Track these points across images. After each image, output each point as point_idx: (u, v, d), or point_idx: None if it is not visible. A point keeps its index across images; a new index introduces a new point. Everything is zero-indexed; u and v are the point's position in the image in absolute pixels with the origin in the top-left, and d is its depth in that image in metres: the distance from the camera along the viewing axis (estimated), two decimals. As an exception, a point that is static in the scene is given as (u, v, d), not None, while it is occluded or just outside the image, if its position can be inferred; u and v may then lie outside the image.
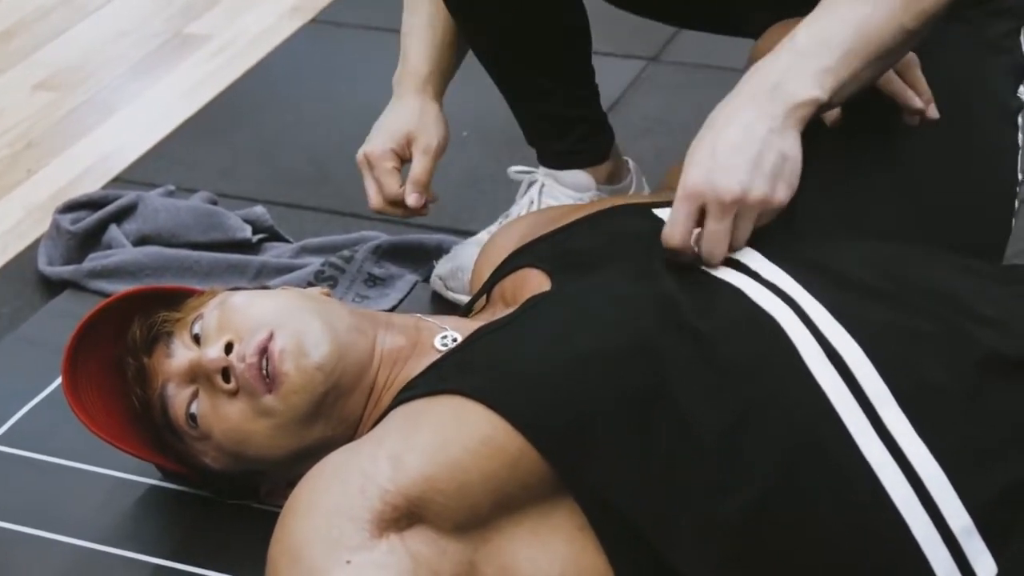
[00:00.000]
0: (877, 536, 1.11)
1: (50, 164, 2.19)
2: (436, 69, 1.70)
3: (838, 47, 1.24)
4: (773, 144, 1.22)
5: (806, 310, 1.18)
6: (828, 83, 1.24)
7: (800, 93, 1.23)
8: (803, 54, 1.25)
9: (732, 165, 1.21)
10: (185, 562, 1.39)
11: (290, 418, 1.28)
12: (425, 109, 1.68)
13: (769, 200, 1.22)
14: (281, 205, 2.03)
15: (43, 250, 1.92)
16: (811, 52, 1.24)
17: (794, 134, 1.23)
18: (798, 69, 1.24)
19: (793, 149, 1.23)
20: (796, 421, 1.13)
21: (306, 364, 1.27)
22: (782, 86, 1.23)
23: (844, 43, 1.24)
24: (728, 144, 1.22)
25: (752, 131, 1.22)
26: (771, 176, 1.22)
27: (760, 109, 1.23)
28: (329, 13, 2.64)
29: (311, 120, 2.28)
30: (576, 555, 1.15)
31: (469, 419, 1.15)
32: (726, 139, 1.22)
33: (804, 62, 1.24)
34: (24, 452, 1.55)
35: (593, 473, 1.14)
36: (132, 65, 2.50)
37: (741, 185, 1.21)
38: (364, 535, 1.11)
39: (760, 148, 1.21)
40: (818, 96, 1.24)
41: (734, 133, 1.22)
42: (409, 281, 1.83)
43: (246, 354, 1.27)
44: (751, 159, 1.21)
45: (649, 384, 1.15)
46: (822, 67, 1.24)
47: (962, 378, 1.15)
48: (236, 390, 1.28)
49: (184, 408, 1.31)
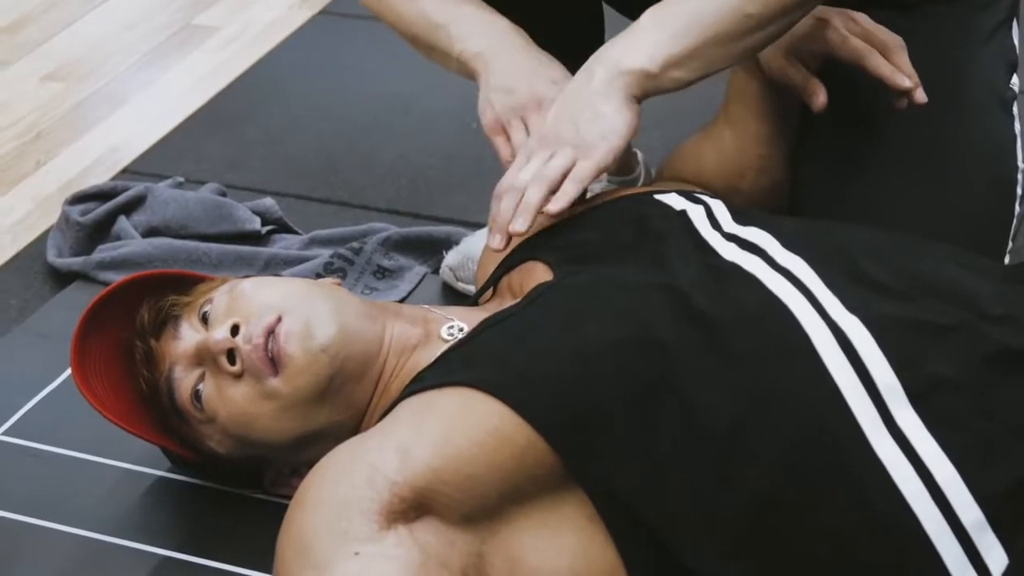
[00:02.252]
0: (887, 530, 1.10)
1: (59, 155, 2.19)
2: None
3: (671, 24, 1.35)
4: (591, 101, 1.35)
5: (819, 299, 1.18)
6: (658, 56, 1.35)
7: (625, 62, 1.35)
8: (641, 29, 1.37)
9: (555, 117, 1.37)
10: (193, 553, 1.39)
11: (295, 401, 1.28)
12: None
13: (578, 146, 1.34)
14: (290, 196, 2.03)
15: (52, 242, 1.92)
16: (647, 28, 1.36)
17: (618, 96, 1.35)
18: (631, 41, 1.37)
19: (611, 108, 1.35)
20: (806, 413, 1.13)
21: (311, 346, 1.28)
22: (613, 56, 1.37)
23: (678, 22, 1.35)
24: (559, 104, 1.38)
25: (578, 92, 1.37)
26: (582, 126, 1.35)
27: (589, 73, 1.37)
28: (337, 4, 2.64)
29: (320, 111, 2.28)
30: (585, 546, 1.15)
31: (476, 411, 1.15)
32: (560, 100, 1.39)
33: (639, 36, 1.36)
34: (32, 443, 1.55)
35: (601, 463, 1.14)
36: (140, 56, 2.50)
37: (555, 133, 1.36)
38: (372, 527, 1.11)
39: (579, 105, 1.36)
40: (644, 67, 1.35)
41: (566, 94, 1.38)
42: (418, 273, 1.82)
43: (252, 336, 1.28)
44: (570, 114, 1.36)
45: (657, 374, 1.15)
46: (652, 41, 1.35)
47: (973, 373, 1.14)
48: (241, 372, 1.29)
49: (190, 390, 1.31)
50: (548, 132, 1.37)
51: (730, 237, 1.29)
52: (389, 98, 2.30)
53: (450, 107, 2.23)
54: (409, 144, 2.16)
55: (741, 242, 1.27)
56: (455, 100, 2.26)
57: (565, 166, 1.34)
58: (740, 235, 1.29)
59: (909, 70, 1.43)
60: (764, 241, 1.26)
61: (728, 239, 1.29)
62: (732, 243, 1.28)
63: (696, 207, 1.35)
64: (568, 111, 1.36)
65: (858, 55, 1.43)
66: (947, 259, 1.28)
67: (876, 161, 1.49)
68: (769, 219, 1.33)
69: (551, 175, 1.34)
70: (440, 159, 2.11)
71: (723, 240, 1.29)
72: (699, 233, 1.30)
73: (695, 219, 1.33)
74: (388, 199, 2.02)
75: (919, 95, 1.42)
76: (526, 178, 1.34)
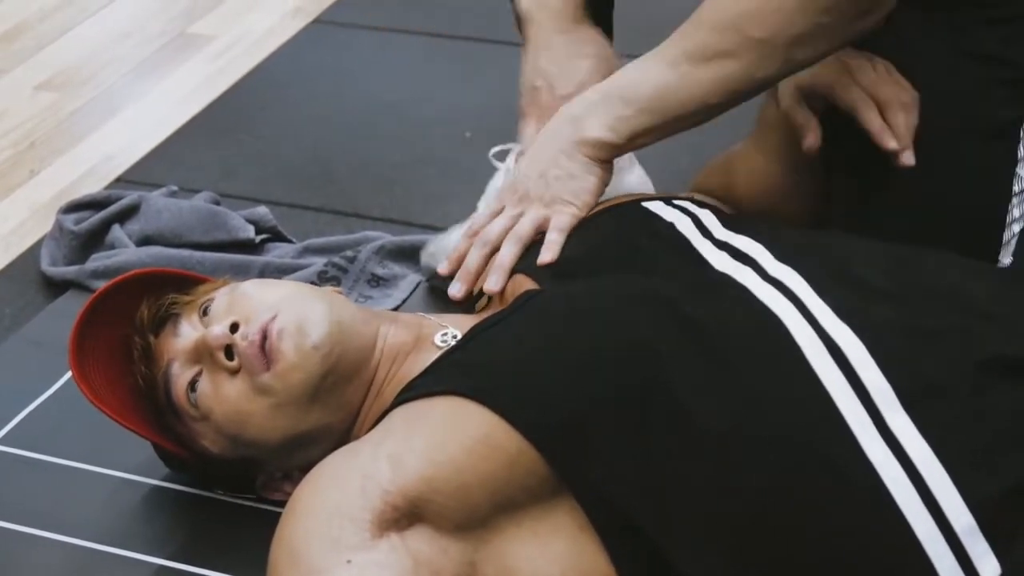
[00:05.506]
0: (879, 536, 1.10)
1: (53, 164, 2.19)
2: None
3: (636, 103, 1.39)
4: (559, 162, 1.41)
5: (810, 308, 1.18)
6: (622, 129, 1.40)
7: (591, 132, 1.40)
8: (607, 98, 1.41)
9: (526, 168, 1.44)
10: (187, 562, 1.39)
11: (287, 397, 1.29)
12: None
13: (549, 202, 1.40)
14: (284, 205, 2.03)
15: (46, 250, 1.92)
16: (613, 99, 1.40)
17: (583, 160, 1.41)
18: (598, 111, 1.41)
19: (578, 171, 1.41)
20: (797, 418, 1.13)
21: (304, 344, 1.29)
22: (580, 121, 1.41)
23: (642, 101, 1.39)
24: (530, 154, 1.45)
25: (546, 148, 1.43)
26: (552, 184, 1.41)
27: (558, 134, 1.42)
28: (332, 14, 2.64)
29: (314, 120, 2.28)
30: (577, 555, 1.15)
31: (467, 419, 1.15)
32: (530, 153, 1.45)
33: (605, 106, 1.41)
34: (27, 452, 1.55)
35: (592, 471, 1.14)
36: (135, 66, 2.50)
37: (524, 188, 1.42)
38: (365, 535, 1.12)
39: (547, 162, 1.42)
40: (609, 138, 1.40)
41: (535, 149, 1.44)
42: (412, 281, 1.82)
43: (249, 333, 1.28)
44: (539, 169, 1.42)
45: (648, 382, 1.15)
46: (617, 115, 1.40)
47: (966, 377, 1.14)
48: (238, 368, 1.29)
49: (186, 386, 1.32)
50: (519, 186, 1.44)
51: (722, 245, 1.30)
52: (383, 107, 2.30)
53: (444, 116, 2.24)
54: (403, 153, 2.16)
55: (733, 251, 1.28)
56: (449, 109, 2.27)
57: (537, 222, 1.40)
58: (732, 243, 1.29)
59: (901, 131, 1.43)
60: (756, 252, 1.26)
61: (720, 247, 1.29)
62: (724, 252, 1.28)
63: (684, 217, 1.35)
64: (538, 167, 1.43)
65: (854, 106, 1.45)
66: (944, 263, 1.28)
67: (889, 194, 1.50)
68: (763, 229, 1.33)
69: (524, 233, 1.39)
70: (434, 168, 2.12)
71: (715, 249, 1.29)
72: (691, 243, 1.31)
73: (685, 230, 1.33)
74: (382, 208, 2.02)
75: (905, 158, 1.43)
76: (493, 234, 1.41)
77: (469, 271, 1.41)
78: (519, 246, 1.39)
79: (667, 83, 1.38)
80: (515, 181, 1.45)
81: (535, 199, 1.41)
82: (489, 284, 1.37)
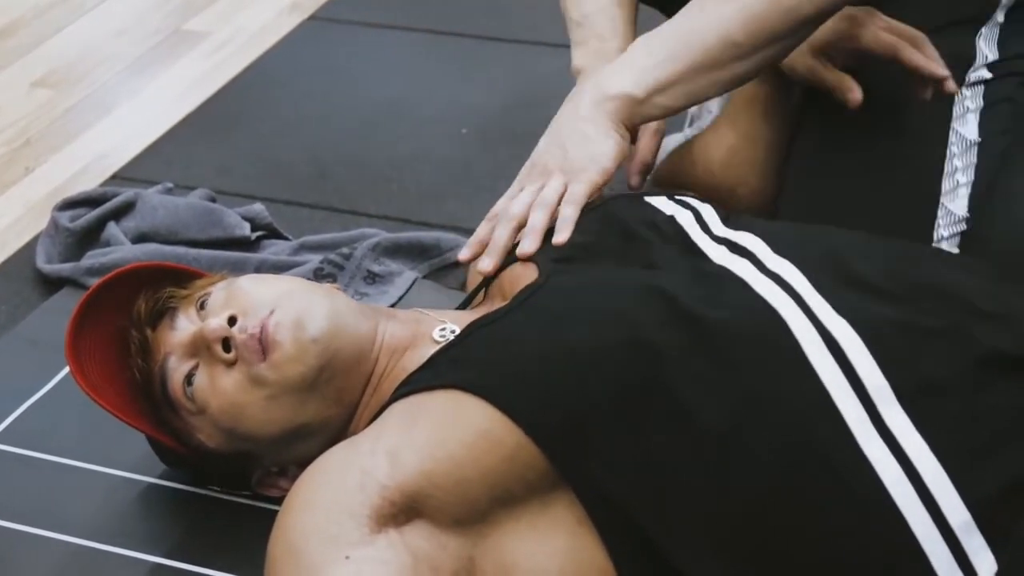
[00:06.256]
0: (876, 533, 1.10)
1: (48, 161, 2.19)
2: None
3: (659, 51, 1.39)
4: (577, 127, 1.40)
5: (809, 303, 1.18)
6: (643, 82, 1.39)
7: (611, 88, 1.40)
8: (629, 56, 1.42)
9: (544, 144, 1.43)
10: (184, 560, 1.39)
11: (282, 388, 1.28)
12: None
13: (568, 171, 1.39)
14: (280, 202, 2.03)
15: (41, 248, 1.92)
16: (635, 55, 1.41)
17: (605, 121, 1.39)
18: (620, 68, 1.41)
19: (598, 132, 1.39)
20: (795, 416, 1.13)
21: (301, 336, 1.28)
22: (601, 81, 1.41)
23: (665, 49, 1.39)
24: (549, 131, 1.43)
25: (566, 116, 1.42)
26: (571, 151, 1.39)
27: (579, 98, 1.42)
28: (328, 10, 2.64)
29: (310, 117, 2.28)
30: (576, 549, 1.15)
31: (466, 413, 1.15)
32: (550, 126, 1.43)
33: (626, 62, 1.41)
34: (22, 450, 1.55)
35: (591, 466, 1.14)
36: (130, 62, 2.49)
37: (543, 163, 1.41)
38: (363, 531, 1.12)
39: (566, 131, 1.41)
40: (630, 92, 1.39)
41: (555, 123, 1.43)
42: (408, 278, 1.82)
43: (248, 326, 1.28)
44: (558, 140, 1.41)
45: (646, 376, 1.15)
46: (639, 67, 1.40)
47: (963, 375, 1.15)
48: (235, 360, 1.29)
49: (183, 379, 1.31)
50: (537, 160, 1.42)
51: (720, 240, 1.30)
52: (379, 104, 2.30)
53: (440, 113, 2.24)
54: (399, 150, 2.16)
55: (731, 245, 1.28)
56: (446, 106, 2.27)
57: (559, 191, 1.39)
58: (730, 238, 1.29)
59: (941, 61, 1.49)
60: (754, 245, 1.27)
61: (718, 242, 1.30)
62: (722, 246, 1.29)
63: (685, 211, 1.35)
64: (556, 137, 1.41)
65: (893, 49, 1.49)
66: (941, 260, 1.29)
67: (840, 163, 1.53)
68: (760, 223, 1.34)
69: (549, 200, 1.38)
70: (430, 165, 2.12)
71: (713, 244, 1.29)
72: (689, 237, 1.31)
73: (685, 223, 1.33)
74: (378, 205, 2.02)
75: (950, 85, 1.49)
76: (518, 209, 1.38)
77: (498, 245, 1.38)
78: (547, 212, 1.37)
79: (691, 24, 1.39)
80: (534, 157, 1.44)
81: (554, 169, 1.40)
82: (524, 247, 1.35)
